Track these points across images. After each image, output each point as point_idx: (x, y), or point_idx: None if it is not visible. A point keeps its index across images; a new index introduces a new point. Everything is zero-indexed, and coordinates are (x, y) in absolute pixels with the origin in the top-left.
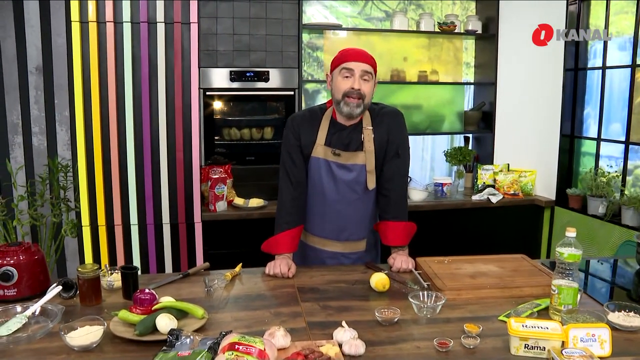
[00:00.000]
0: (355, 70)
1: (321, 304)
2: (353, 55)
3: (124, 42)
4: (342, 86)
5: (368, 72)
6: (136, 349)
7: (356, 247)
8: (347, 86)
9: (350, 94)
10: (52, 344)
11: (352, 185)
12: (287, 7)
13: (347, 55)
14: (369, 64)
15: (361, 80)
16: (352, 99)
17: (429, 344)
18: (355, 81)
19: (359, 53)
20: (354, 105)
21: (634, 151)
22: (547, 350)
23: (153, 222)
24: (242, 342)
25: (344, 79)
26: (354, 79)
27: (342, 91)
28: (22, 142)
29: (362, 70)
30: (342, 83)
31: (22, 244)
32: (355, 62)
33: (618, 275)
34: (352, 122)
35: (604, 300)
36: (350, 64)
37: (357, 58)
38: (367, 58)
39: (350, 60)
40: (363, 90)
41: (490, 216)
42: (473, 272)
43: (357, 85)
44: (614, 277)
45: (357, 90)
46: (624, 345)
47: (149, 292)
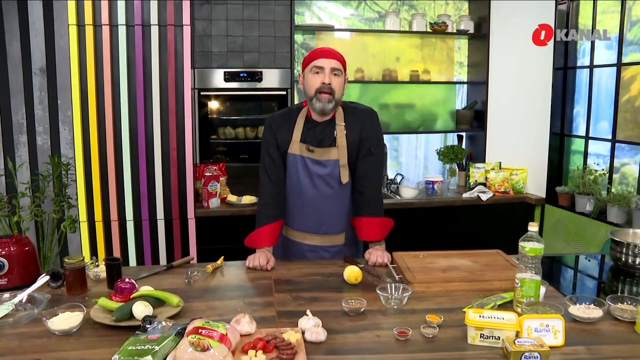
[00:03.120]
0: (325, 67)
1: (294, 294)
2: (322, 53)
3: (119, 45)
4: (314, 83)
5: (337, 69)
6: (112, 333)
7: (335, 241)
8: (318, 82)
9: (322, 89)
10: (36, 329)
11: (327, 179)
12: (279, 9)
13: (317, 53)
14: (338, 60)
15: (331, 75)
16: (324, 94)
17: (389, 333)
18: (326, 77)
19: (328, 51)
20: (326, 101)
21: (620, 149)
22: (501, 339)
23: (148, 218)
24: (206, 326)
25: (315, 75)
26: (324, 74)
27: (314, 87)
28: (27, 141)
29: (331, 67)
30: (313, 80)
31: (14, 236)
32: (324, 59)
33: (591, 270)
34: (325, 118)
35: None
36: (319, 61)
37: (326, 55)
38: (336, 55)
39: (320, 57)
40: (333, 85)
41: (481, 214)
42: (445, 266)
43: (327, 80)
44: (583, 272)
45: (327, 85)
46: (579, 336)
47: (129, 282)
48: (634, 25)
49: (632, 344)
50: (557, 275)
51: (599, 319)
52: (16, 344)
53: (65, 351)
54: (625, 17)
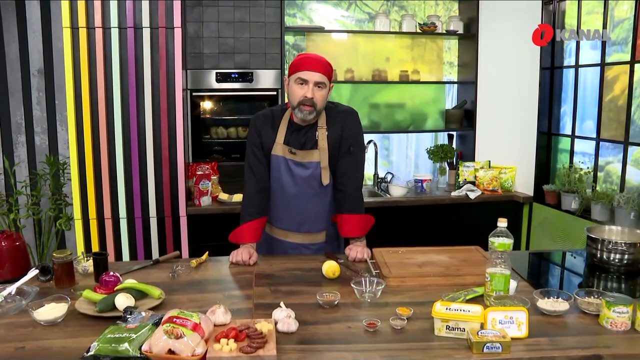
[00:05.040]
0: (309, 81)
1: (272, 288)
2: (307, 64)
3: (112, 47)
4: (297, 94)
5: (321, 82)
6: (95, 323)
7: (316, 239)
8: (301, 94)
9: (304, 102)
10: (23, 319)
11: (309, 181)
12: (270, 11)
13: (302, 64)
14: (323, 73)
15: (315, 89)
16: (306, 107)
17: (360, 324)
18: (309, 91)
19: (314, 62)
20: (307, 112)
21: (604, 148)
22: (466, 331)
23: (141, 215)
24: (180, 316)
25: (299, 86)
26: (307, 88)
27: (297, 99)
28: (25, 141)
29: (315, 80)
30: (297, 91)
31: (5, 232)
32: (309, 72)
33: (573, 267)
34: (308, 122)
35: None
36: (304, 73)
37: (311, 68)
38: (321, 67)
39: (305, 70)
40: (316, 99)
41: (469, 212)
42: (422, 262)
43: (310, 94)
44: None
45: (310, 99)
46: (544, 328)
47: (113, 275)
48: (616, 25)
49: (593, 335)
50: (536, 271)
51: (566, 312)
52: (2, 333)
53: (49, 340)
54: (608, 18)
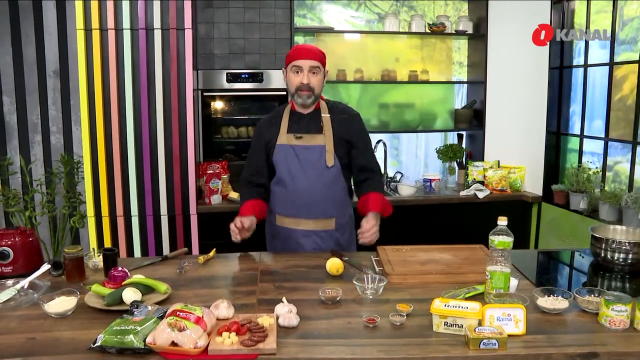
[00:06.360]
0: (304, 67)
1: (276, 284)
2: (301, 53)
3: (124, 48)
4: (294, 81)
5: (315, 67)
6: (103, 316)
7: (326, 225)
8: (298, 81)
9: (301, 88)
10: (34, 312)
11: (315, 164)
12: (279, 12)
13: (297, 53)
14: (316, 59)
15: (310, 74)
16: (304, 92)
17: (360, 320)
18: (305, 77)
19: (307, 51)
20: (306, 97)
21: (613, 147)
22: (464, 327)
23: (152, 213)
24: (184, 309)
25: (295, 74)
26: (303, 74)
27: (294, 86)
28: (41, 140)
29: (309, 66)
30: (294, 78)
31: (19, 228)
32: (303, 60)
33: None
34: (309, 110)
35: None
36: (298, 61)
37: (305, 56)
38: (314, 54)
39: (299, 58)
40: (312, 84)
41: (477, 211)
42: (425, 260)
43: (306, 80)
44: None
45: (306, 84)
46: (541, 325)
47: (122, 270)
48: (625, 24)
49: (591, 333)
50: (544, 270)
51: (566, 310)
52: (15, 325)
53: (59, 331)
54: (617, 17)
